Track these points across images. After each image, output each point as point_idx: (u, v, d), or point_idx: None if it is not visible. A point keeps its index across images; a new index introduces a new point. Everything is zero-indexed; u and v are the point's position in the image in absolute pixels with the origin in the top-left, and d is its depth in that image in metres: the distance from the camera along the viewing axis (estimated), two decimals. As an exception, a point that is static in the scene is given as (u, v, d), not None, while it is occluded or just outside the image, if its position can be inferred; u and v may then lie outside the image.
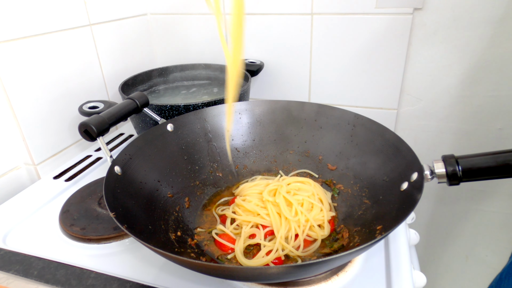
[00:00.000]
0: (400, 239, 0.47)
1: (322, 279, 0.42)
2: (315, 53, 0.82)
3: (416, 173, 0.41)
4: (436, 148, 0.82)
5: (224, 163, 0.61)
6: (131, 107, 0.53)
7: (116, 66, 0.81)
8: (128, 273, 0.43)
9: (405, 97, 0.80)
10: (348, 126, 0.57)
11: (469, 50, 0.72)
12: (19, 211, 0.55)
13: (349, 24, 0.76)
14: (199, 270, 0.35)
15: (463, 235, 0.91)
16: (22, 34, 0.59)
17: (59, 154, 0.69)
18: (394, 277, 0.42)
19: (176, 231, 0.47)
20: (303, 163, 0.61)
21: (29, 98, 0.61)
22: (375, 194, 0.48)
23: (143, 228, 0.42)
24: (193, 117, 0.60)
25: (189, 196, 0.55)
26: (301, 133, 0.62)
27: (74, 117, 0.71)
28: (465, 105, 0.76)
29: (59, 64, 0.67)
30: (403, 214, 0.37)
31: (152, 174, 0.51)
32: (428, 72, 0.76)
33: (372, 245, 0.34)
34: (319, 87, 0.85)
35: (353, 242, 0.44)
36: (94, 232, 0.50)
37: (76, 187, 0.61)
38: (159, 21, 0.91)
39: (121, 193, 0.43)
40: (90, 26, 0.73)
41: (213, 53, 0.90)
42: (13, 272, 0.42)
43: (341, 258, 0.32)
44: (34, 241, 0.49)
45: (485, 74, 0.72)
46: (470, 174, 0.37)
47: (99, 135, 0.47)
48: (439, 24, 0.71)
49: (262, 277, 0.35)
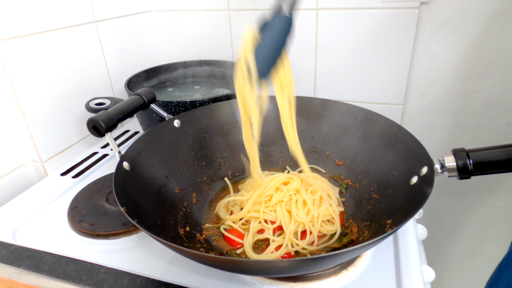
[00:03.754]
0: (409, 234, 0.47)
1: (332, 274, 0.42)
2: (320, 48, 0.81)
3: (425, 167, 0.41)
4: (442, 143, 0.81)
5: (231, 159, 0.61)
6: (138, 103, 0.53)
7: (120, 63, 0.81)
8: (137, 268, 0.43)
9: (411, 92, 0.80)
10: (355, 121, 0.57)
11: (476, 44, 0.71)
12: (28, 208, 0.56)
13: (355, 19, 0.76)
14: (211, 264, 0.35)
15: (470, 231, 0.90)
16: (28, 31, 0.59)
17: (65, 151, 0.69)
18: (403, 272, 0.42)
19: (185, 226, 0.47)
20: (310, 159, 0.61)
21: (36, 95, 0.62)
22: (384, 188, 0.48)
23: (153, 223, 0.42)
24: (200, 113, 0.60)
25: (196, 192, 0.55)
26: (308, 129, 0.62)
27: (81, 114, 0.71)
28: (472, 100, 0.76)
29: (65, 61, 0.67)
30: (413, 208, 0.37)
31: (160, 169, 0.52)
32: (435, 66, 0.75)
33: (383, 239, 0.33)
34: (324, 82, 0.85)
35: (363, 236, 0.44)
36: (102, 228, 0.50)
37: (83, 184, 0.61)
38: (163, 18, 0.91)
39: (130, 188, 0.43)
40: (95, 23, 0.73)
41: (217, 50, 0.90)
42: (24, 267, 0.42)
43: (352, 252, 0.32)
44: (43, 237, 0.50)
45: (493, 69, 0.72)
46: (481, 168, 0.37)
47: (108, 131, 0.47)
48: (446, 18, 0.71)
49: (274, 270, 0.35)
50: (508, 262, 0.52)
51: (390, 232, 0.34)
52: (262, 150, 0.63)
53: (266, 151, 0.63)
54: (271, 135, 0.63)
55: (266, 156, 0.62)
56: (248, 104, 0.43)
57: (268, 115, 0.63)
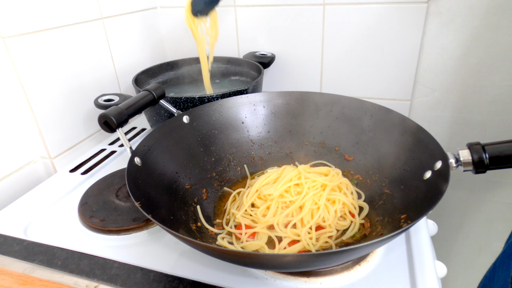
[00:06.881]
0: (421, 229, 0.47)
1: (345, 269, 0.42)
2: (327, 43, 0.81)
3: (439, 161, 0.41)
4: (450, 139, 0.81)
5: (240, 155, 0.61)
6: (148, 99, 0.53)
7: (127, 60, 0.81)
8: (149, 263, 0.43)
9: (419, 87, 0.79)
10: (365, 116, 0.57)
11: (485, 39, 0.70)
12: (38, 204, 0.56)
13: (362, 13, 0.75)
14: (228, 258, 0.35)
15: (477, 227, 0.90)
16: (36, 28, 0.59)
17: (74, 147, 0.69)
18: (417, 267, 0.41)
19: (196, 222, 0.47)
20: (319, 154, 0.60)
21: (45, 92, 0.62)
22: (396, 183, 0.47)
23: (166, 218, 0.42)
24: (208, 109, 0.60)
25: (206, 187, 0.55)
26: (317, 124, 0.61)
27: (88, 111, 0.71)
28: (480, 95, 0.75)
29: (73, 58, 0.67)
30: (429, 203, 0.37)
31: (170, 165, 0.51)
32: (443, 62, 0.75)
33: (400, 233, 0.33)
34: (331, 78, 0.85)
35: (376, 231, 0.44)
36: (113, 223, 0.50)
37: (92, 181, 0.61)
38: (168, 14, 0.91)
39: (142, 183, 0.43)
40: (102, 20, 0.73)
41: (223, 46, 0.89)
42: (37, 262, 0.42)
43: (370, 246, 0.32)
44: (55, 233, 0.50)
45: (501, 64, 0.71)
46: (497, 162, 0.36)
47: (119, 126, 0.47)
48: (454, 12, 0.70)
49: (289, 265, 0.35)
50: (503, 261, 0.51)
51: (406, 226, 0.33)
52: (271, 146, 0.62)
53: (275, 147, 0.62)
54: (279, 131, 0.63)
55: (275, 152, 0.62)
56: (193, 31, 0.68)
57: (277, 112, 0.63)
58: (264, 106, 0.63)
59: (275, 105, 0.63)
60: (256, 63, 0.78)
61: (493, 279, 0.52)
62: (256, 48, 0.87)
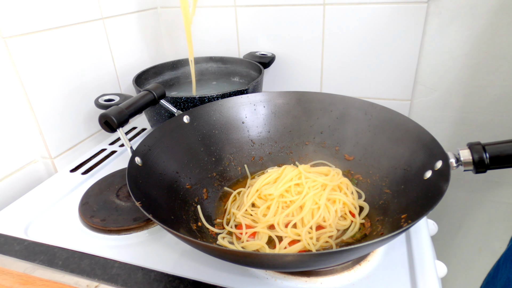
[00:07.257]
0: (421, 229, 0.47)
1: (345, 268, 0.42)
2: (327, 43, 0.81)
3: (440, 161, 0.41)
4: (451, 139, 0.81)
5: (240, 155, 0.61)
6: (148, 99, 0.53)
7: (128, 60, 0.81)
8: (150, 263, 0.43)
9: (419, 87, 0.79)
10: (365, 115, 0.57)
11: (485, 39, 0.70)
12: (39, 204, 0.56)
13: (362, 13, 0.75)
14: (230, 258, 0.35)
15: (477, 227, 0.90)
16: (37, 28, 0.59)
17: (74, 147, 0.69)
18: (417, 267, 0.41)
19: (196, 222, 0.47)
20: (319, 154, 0.60)
21: (45, 92, 0.62)
22: (396, 183, 0.48)
23: (166, 218, 0.42)
24: (209, 109, 0.60)
25: (206, 187, 0.55)
26: (317, 124, 0.61)
27: (89, 111, 0.71)
28: (480, 95, 0.75)
29: (73, 58, 0.67)
30: (429, 202, 0.37)
31: (170, 165, 0.51)
32: (443, 61, 0.75)
33: (401, 233, 0.33)
34: (331, 78, 0.85)
35: (376, 231, 0.44)
36: (114, 223, 0.50)
37: (93, 180, 0.61)
38: (169, 15, 0.91)
39: (143, 183, 0.43)
40: (103, 20, 0.73)
41: (223, 46, 0.90)
42: (38, 262, 0.42)
43: (370, 246, 0.32)
44: (55, 233, 0.50)
45: (502, 63, 0.71)
46: (498, 161, 0.36)
47: (119, 126, 0.47)
48: (454, 12, 0.70)
49: (290, 265, 0.35)
50: (507, 258, 0.51)
51: (407, 226, 0.34)
52: (271, 146, 0.63)
53: (275, 146, 0.63)
54: (280, 131, 0.63)
55: (275, 151, 0.62)
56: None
57: (277, 112, 0.63)
58: (265, 106, 0.63)
59: (275, 105, 0.63)
60: (256, 63, 0.78)
61: (496, 277, 0.52)
62: (256, 48, 0.87)
